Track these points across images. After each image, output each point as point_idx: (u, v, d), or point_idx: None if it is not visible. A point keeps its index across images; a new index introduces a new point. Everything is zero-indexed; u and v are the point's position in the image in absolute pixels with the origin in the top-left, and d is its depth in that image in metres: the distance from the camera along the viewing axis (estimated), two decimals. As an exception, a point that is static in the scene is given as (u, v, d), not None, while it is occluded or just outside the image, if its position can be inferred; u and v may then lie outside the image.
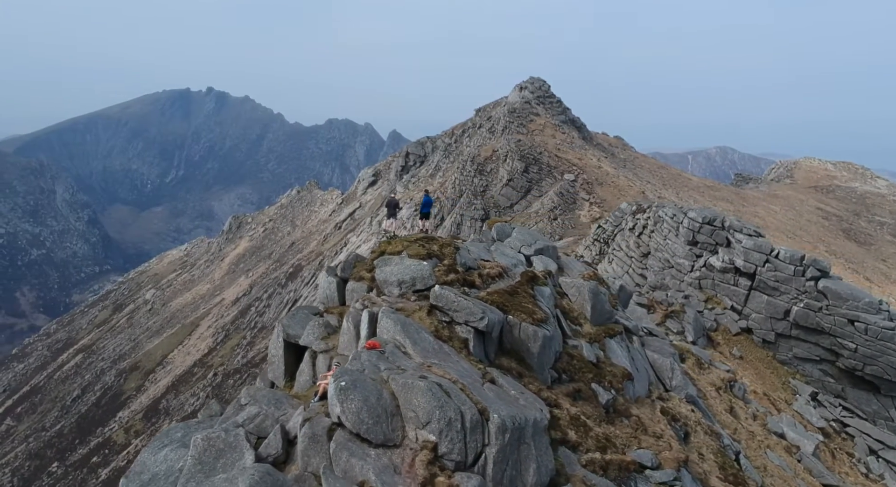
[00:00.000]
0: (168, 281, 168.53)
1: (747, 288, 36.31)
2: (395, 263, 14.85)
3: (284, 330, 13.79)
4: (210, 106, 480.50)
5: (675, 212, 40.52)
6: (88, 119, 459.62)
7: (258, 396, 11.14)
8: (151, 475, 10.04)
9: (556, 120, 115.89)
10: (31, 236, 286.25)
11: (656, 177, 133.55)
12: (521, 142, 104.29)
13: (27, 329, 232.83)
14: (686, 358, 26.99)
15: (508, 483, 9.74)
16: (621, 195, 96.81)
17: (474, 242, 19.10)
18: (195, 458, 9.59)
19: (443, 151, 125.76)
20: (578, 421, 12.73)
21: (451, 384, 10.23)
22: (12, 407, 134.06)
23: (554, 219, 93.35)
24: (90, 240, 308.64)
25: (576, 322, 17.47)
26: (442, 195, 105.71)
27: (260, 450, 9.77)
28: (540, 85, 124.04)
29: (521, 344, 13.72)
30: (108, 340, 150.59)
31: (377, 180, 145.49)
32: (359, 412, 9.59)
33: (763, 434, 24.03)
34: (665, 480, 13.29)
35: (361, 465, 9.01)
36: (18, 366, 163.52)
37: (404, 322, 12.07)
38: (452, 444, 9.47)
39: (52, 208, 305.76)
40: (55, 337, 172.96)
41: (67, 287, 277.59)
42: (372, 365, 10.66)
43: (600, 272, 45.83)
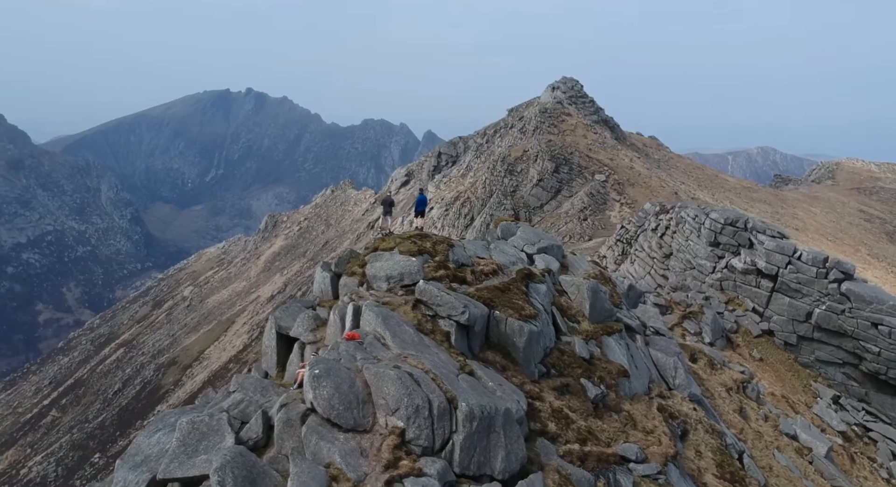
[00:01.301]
0: (206, 279, 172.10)
1: (769, 290, 35.99)
2: (386, 259, 15.43)
3: (276, 323, 14.48)
4: (249, 106, 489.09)
5: (697, 213, 40.30)
6: (133, 119, 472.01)
7: (245, 384, 11.82)
8: (144, 456, 10.76)
9: (587, 120, 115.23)
10: (77, 233, 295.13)
11: (691, 177, 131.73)
12: (552, 142, 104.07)
13: (73, 323, 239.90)
14: (698, 358, 26.99)
15: (476, 469, 10.19)
16: (653, 196, 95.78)
17: (473, 240, 19.55)
18: (179, 440, 10.29)
19: (474, 151, 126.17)
20: (560, 414, 13.10)
21: (422, 373, 10.74)
22: (57, 399, 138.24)
23: (584, 219, 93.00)
24: (133, 238, 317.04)
25: (573, 319, 17.79)
26: (472, 195, 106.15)
27: (241, 434, 10.42)
28: (572, 85, 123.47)
29: (507, 339, 14.15)
30: (148, 335, 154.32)
31: (410, 180, 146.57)
32: (330, 398, 10.18)
33: (773, 436, 23.94)
34: (649, 473, 13.57)
35: (329, 448, 9.59)
36: (63, 359, 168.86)
37: (385, 315, 12.63)
38: (420, 430, 9.98)
39: (98, 206, 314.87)
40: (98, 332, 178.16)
41: (111, 283, 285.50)
42: (348, 355, 11.25)
43: (622, 272, 45.83)
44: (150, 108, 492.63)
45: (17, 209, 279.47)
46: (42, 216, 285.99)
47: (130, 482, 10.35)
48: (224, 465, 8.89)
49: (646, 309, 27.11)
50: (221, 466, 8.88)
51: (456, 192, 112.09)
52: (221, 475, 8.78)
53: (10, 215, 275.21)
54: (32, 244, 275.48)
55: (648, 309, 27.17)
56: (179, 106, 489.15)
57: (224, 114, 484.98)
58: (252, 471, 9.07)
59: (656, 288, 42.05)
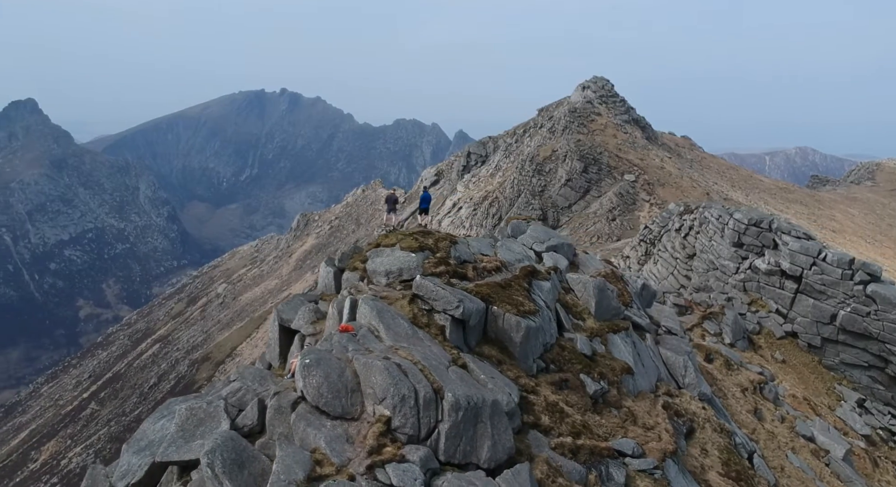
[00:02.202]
0: (239, 276, 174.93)
1: (793, 292, 35.49)
2: (386, 254, 15.78)
3: (279, 316, 14.96)
4: (283, 106, 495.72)
5: (720, 213, 39.87)
6: (170, 119, 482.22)
7: (245, 373, 12.28)
8: (148, 441, 11.29)
9: (618, 119, 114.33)
10: (116, 231, 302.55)
11: (724, 178, 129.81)
12: (581, 141, 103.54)
13: (112, 318, 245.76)
14: (714, 358, 26.82)
15: (462, 458, 10.46)
16: (684, 196, 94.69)
17: (478, 238, 19.78)
18: (178, 425, 10.79)
19: (503, 151, 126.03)
20: (555, 408, 13.27)
21: (411, 365, 11.05)
22: (96, 392, 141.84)
23: (612, 219, 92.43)
24: (169, 236, 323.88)
25: (579, 316, 17.91)
26: (500, 195, 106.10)
27: (237, 421, 10.87)
28: (603, 84, 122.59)
29: (504, 334, 14.38)
30: (183, 331, 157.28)
31: (439, 179, 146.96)
32: (319, 386, 10.57)
33: (788, 437, 23.70)
34: (644, 468, 13.66)
35: (315, 434, 9.97)
36: (102, 354, 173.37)
37: (380, 308, 12.97)
38: (405, 419, 10.28)
39: (136, 204, 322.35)
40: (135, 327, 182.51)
41: (148, 280, 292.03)
42: (341, 346, 11.63)
43: (645, 273, 45.56)
44: (188, 109, 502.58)
45: (60, 207, 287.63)
46: (83, 214, 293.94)
47: (133, 465, 10.87)
48: (214, 449, 9.32)
49: (662, 308, 27.00)
50: (211, 449, 9.31)
51: (484, 192, 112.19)
52: (211, 458, 9.21)
53: (53, 213, 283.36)
54: (74, 241, 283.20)
55: (665, 309, 27.06)
56: (215, 106, 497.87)
57: (259, 114, 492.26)
58: (241, 455, 9.48)
59: (679, 288, 41.72)
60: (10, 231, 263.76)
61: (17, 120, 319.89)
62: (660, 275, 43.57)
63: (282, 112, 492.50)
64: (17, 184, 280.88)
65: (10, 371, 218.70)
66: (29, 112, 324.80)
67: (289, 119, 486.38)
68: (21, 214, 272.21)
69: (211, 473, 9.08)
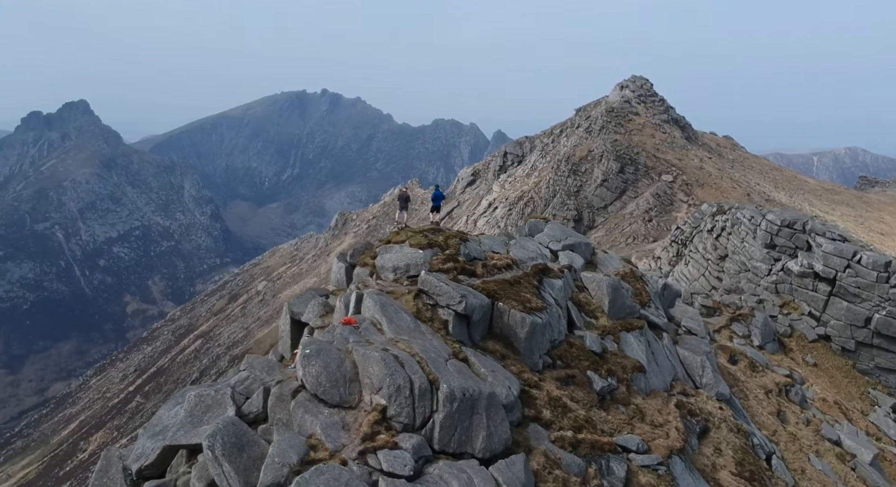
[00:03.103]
0: (278, 274, 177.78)
1: (826, 294, 34.77)
2: (395, 251, 16.19)
3: (290, 309, 15.50)
4: (324, 107, 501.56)
5: (753, 214, 39.26)
6: (214, 120, 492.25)
7: (254, 364, 12.80)
8: (162, 426, 11.91)
9: (656, 119, 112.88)
10: (162, 229, 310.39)
11: (767, 179, 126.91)
12: (618, 141, 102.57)
13: (157, 314, 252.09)
14: (738, 360, 26.52)
15: (456, 447, 10.77)
16: (723, 197, 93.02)
17: (491, 236, 20.03)
18: (187, 411, 11.38)
19: (540, 151, 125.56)
20: (558, 403, 13.46)
21: (408, 356, 11.41)
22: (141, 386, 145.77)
23: (649, 220, 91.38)
24: (213, 234, 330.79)
25: (592, 314, 18.03)
26: (536, 195, 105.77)
27: (243, 408, 11.39)
28: (642, 84, 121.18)
29: (510, 329, 14.62)
30: (224, 327, 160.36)
31: (475, 179, 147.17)
32: (318, 376, 11.01)
33: (813, 440, 23.35)
34: (648, 464, 13.75)
35: (312, 420, 10.41)
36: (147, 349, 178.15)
37: (384, 302, 13.35)
38: (401, 408, 10.64)
39: (181, 203, 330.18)
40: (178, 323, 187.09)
41: (192, 277, 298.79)
42: (342, 338, 12.05)
43: (676, 274, 45.10)
44: (231, 109, 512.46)
45: (109, 205, 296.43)
46: (131, 212, 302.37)
47: (147, 448, 11.48)
48: (215, 432, 9.83)
49: (686, 309, 26.83)
50: (213, 433, 9.82)
51: (520, 192, 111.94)
52: (212, 441, 9.73)
53: (103, 211, 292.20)
54: (122, 238, 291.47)
55: (689, 309, 26.89)
56: (258, 107, 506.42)
57: (300, 114, 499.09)
58: (241, 439, 9.96)
59: (710, 290, 41.21)
60: (63, 228, 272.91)
61: (70, 121, 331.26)
62: (691, 277, 43.07)
63: (322, 112, 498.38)
64: (70, 182, 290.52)
65: (62, 363, 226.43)
66: (81, 113, 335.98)
67: (329, 119, 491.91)
68: (73, 212, 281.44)
69: (212, 455, 9.59)
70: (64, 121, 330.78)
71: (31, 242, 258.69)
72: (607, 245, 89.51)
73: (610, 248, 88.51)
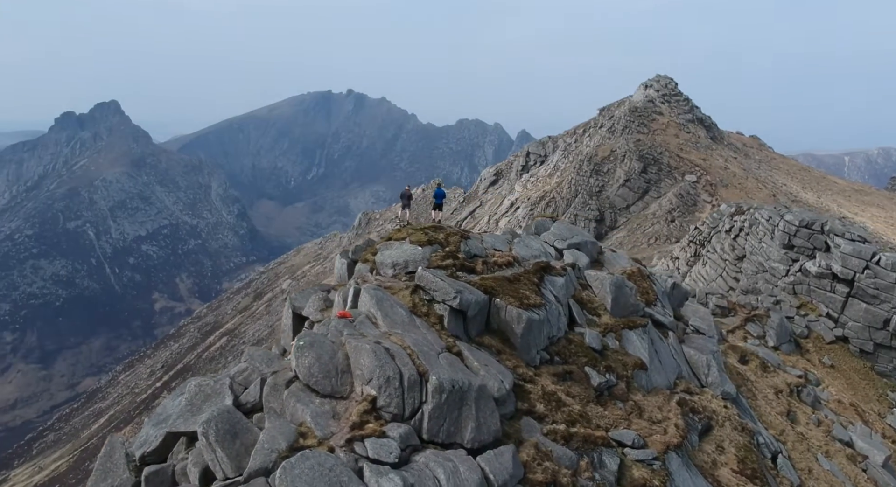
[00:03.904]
0: (303, 273, 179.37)
1: (845, 295, 34.38)
2: (395, 248, 16.54)
3: (291, 303, 15.93)
4: (349, 107, 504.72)
5: (770, 215, 38.92)
6: (241, 120, 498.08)
7: (255, 355, 13.24)
8: (166, 415, 12.38)
9: (680, 119, 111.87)
10: (189, 227, 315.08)
11: (795, 179, 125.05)
12: (641, 141, 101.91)
13: (184, 312, 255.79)
14: (749, 360, 26.42)
15: (445, 437, 11.06)
16: (748, 198, 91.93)
17: (495, 234, 20.25)
18: (187, 400, 11.84)
19: (562, 151, 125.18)
20: (553, 397, 13.67)
21: (400, 349, 11.73)
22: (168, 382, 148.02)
23: (671, 221, 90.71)
24: (239, 233, 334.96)
25: (594, 312, 18.18)
26: (557, 195, 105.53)
27: (241, 397, 11.83)
28: (666, 83, 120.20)
29: (507, 325, 14.87)
30: (249, 325, 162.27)
31: (498, 179, 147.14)
32: (310, 366, 11.40)
33: (823, 440, 23.21)
34: (643, 458, 13.89)
35: (303, 409, 10.79)
36: (174, 345, 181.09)
37: (380, 297, 13.69)
38: (390, 398, 10.97)
39: (208, 202, 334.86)
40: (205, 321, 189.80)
41: (219, 275, 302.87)
42: (336, 331, 12.42)
43: (693, 274, 44.85)
44: (258, 109, 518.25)
45: (139, 204, 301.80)
46: (159, 211, 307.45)
47: (150, 436, 11.96)
48: (209, 420, 10.26)
49: (697, 309, 26.77)
50: (207, 420, 10.24)
51: (542, 192, 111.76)
52: (206, 427, 10.15)
53: (132, 209, 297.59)
54: (151, 237, 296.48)
55: (700, 309, 26.81)
56: (284, 107, 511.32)
57: (326, 114, 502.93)
58: (235, 426, 10.37)
59: (728, 290, 40.94)
60: (94, 226, 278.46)
61: (101, 121, 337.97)
62: (708, 277, 42.81)
63: (348, 112, 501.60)
64: (101, 181, 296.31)
65: (93, 359, 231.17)
66: (112, 113, 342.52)
67: (355, 119, 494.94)
68: (103, 211, 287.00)
69: (205, 441, 10.01)
70: (96, 121, 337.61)
71: (64, 240, 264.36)
72: (629, 245, 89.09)
73: (631, 249, 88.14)
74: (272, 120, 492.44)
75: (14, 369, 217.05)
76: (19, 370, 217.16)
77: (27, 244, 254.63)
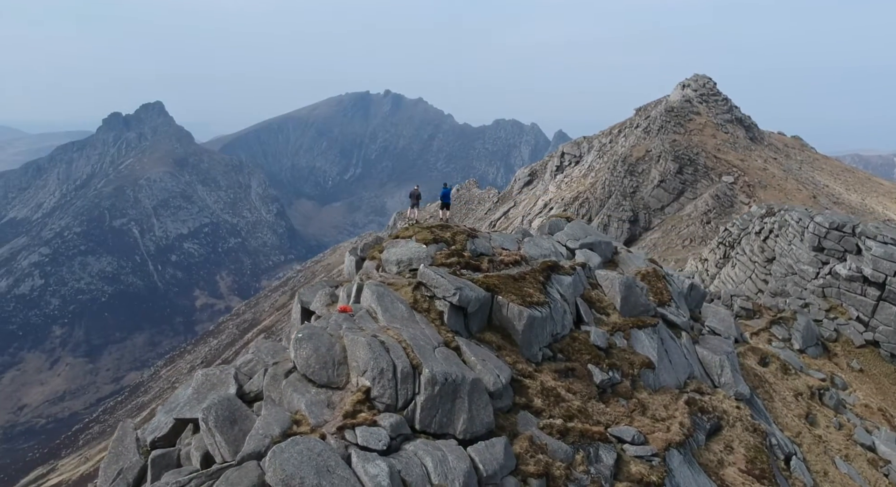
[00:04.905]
0: (338, 271, 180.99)
1: (876, 299, 33.66)
2: (401, 246, 16.96)
3: (300, 298, 16.49)
4: (387, 108, 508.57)
5: (801, 217, 38.27)
6: (281, 120, 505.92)
7: (261, 347, 13.82)
8: (177, 403, 13.04)
9: (718, 119, 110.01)
10: (230, 226, 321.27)
11: (839, 180, 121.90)
12: (677, 142, 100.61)
13: (224, 309, 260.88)
14: (770, 362, 26.13)
15: (437, 428, 11.44)
16: (787, 199, 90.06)
17: (504, 234, 20.52)
18: (194, 388, 12.47)
19: (597, 151, 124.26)
20: (552, 392, 13.91)
21: (395, 342, 12.14)
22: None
23: (707, 222, 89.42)
24: (277, 232, 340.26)
25: (603, 311, 18.32)
26: (591, 195, 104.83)
27: (245, 386, 12.41)
28: (704, 83, 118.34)
29: (508, 322, 15.15)
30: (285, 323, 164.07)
31: (533, 180, 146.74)
32: (308, 358, 11.89)
33: (843, 444, 22.89)
34: (642, 455, 14.04)
35: (299, 398, 11.29)
36: (213, 341, 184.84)
37: (381, 292, 14.12)
38: (384, 389, 11.38)
39: (248, 201, 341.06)
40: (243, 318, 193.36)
41: (258, 273, 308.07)
42: (336, 324, 12.89)
43: (722, 276, 44.30)
44: (297, 110, 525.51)
45: (181, 203, 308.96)
46: (201, 209, 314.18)
47: (162, 422, 12.63)
48: (210, 406, 10.83)
49: (717, 310, 26.63)
50: (207, 407, 10.82)
51: (575, 192, 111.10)
52: (206, 413, 10.73)
53: (175, 208, 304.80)
54: (192, 235, 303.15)
55: (720, 311, 26.66)
56: (323, 107, 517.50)
57: (363, 114, 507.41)
58: (234, 413, 10.92)
59: (757, 293, 40.37)
60: (139, 224, 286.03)
61: (146, 121, 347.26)
62: (737, 279, 42.25)
63: (385, 113, 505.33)
64: (145, 181, 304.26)
65: (136, 354, 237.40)
66: (156, 114, 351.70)
67: (392, 120, 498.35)
68: (147, 209, 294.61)
69: (206, 427, 10.57)
70: (141, 121, 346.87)
71: (110, 237, 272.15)
72: (663, 247, 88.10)
73: (665, 250, 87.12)
74: (311, 120, 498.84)
75: (63, 362, 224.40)
76: (67, 363, 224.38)
77: (76, 241, 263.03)
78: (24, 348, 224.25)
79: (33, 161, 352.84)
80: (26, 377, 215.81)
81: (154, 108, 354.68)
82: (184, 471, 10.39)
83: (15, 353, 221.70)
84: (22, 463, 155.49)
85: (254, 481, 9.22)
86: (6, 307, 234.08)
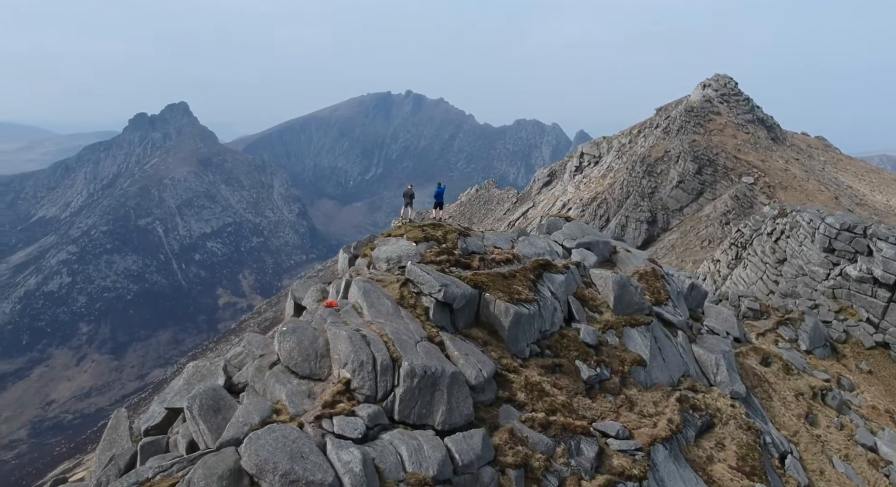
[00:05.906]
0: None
1: (886, 300, 33.40)
2: (391, 243, 17.37)
3: (293, 294, 16.98)
4: (408, 108, 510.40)
5: (812, 218, 38.02)
6: (304, 121, 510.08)
7: (252, 341, 14.30)
8: (171, 394, 13.56)
9: (739, 119, 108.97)
10: (252, 225, 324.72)
11: (863, 181, 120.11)
12: (696, 142, 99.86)
13: (246, 307, 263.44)
14: (772, 362, 26.09)
15: (416, 419, 11.81)
16: (808, 200, 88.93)
17: (498, 233, 20.81)
18: (185, 379, 12.99)
19: (616, 151, 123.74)
20: (536, 387, 14.20)
21: (376, 336, 12.53)
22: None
23: (726, 223, 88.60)
24: (299, 231, 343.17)
25: (596, 309, 18.54)
26: (609, 196, 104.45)
27: (234, 378, 12.89)
28: (725, 82, 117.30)
29: (495, 318, 15.46)
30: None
31: (552, 180, 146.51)
32: (291, 351, 12.34)
33: (843, 444, 22.83)
34: (626, 449, 14.26)
35: (280, 389, 11.75)
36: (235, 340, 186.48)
37: (367, 288, 14.52)
38: (363, 381, 11.78)
39: (270, 201, 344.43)
40: (264, 316, 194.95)
41: (280, 272, 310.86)
42: (321, 319, 13.33)
43: (734, 277, 44.10)
44: (320, 110, 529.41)
45: (205, 202, 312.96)
46: (224, 209, 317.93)
47: (156, 411, 13.17)
48: (194, 396, 11.33)
49: (720, 311, 26.66)
50: (192, 396, 11.32)
51: (594, 193, 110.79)
52: (191, 402, 11.22)
53: (198, 207, 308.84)
54: (216, 234, 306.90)
55: (722, 310, 26.69)
56: (345, 108, 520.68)
57: (385, 115, 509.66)
58: (218, 402, 11.38)
59: (768, 294, 40.13)
60: (163, 223, 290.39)
61: (171, 121, 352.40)
62: (748, 280, 42.03)
63: (406, 113, 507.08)
64: (170, 180, 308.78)
65: (161, 351, 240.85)
66: (181, 114, 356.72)
67: (413, 120, 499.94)
68: (172, 208, 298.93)
69: (190, 415, 11.06)
70: (166, 121, 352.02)
71: (135, 236, 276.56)
72: (681, 248, 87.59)
73: (684, 251, 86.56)
74: (333, 120, 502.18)
75: (89, 359, 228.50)
76: (94, 360, 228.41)
77: (102, 240, 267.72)
78: (52, 344, 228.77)
79: (62, 161, 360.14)
80: (54, 373, 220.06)
81: (179, 109, 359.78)
82: (167, 457, 10.86)
83: (44, 349, 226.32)
84: (49, 458, 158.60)
85: (230, 466, 9.64)
86: (35, 304, 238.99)
